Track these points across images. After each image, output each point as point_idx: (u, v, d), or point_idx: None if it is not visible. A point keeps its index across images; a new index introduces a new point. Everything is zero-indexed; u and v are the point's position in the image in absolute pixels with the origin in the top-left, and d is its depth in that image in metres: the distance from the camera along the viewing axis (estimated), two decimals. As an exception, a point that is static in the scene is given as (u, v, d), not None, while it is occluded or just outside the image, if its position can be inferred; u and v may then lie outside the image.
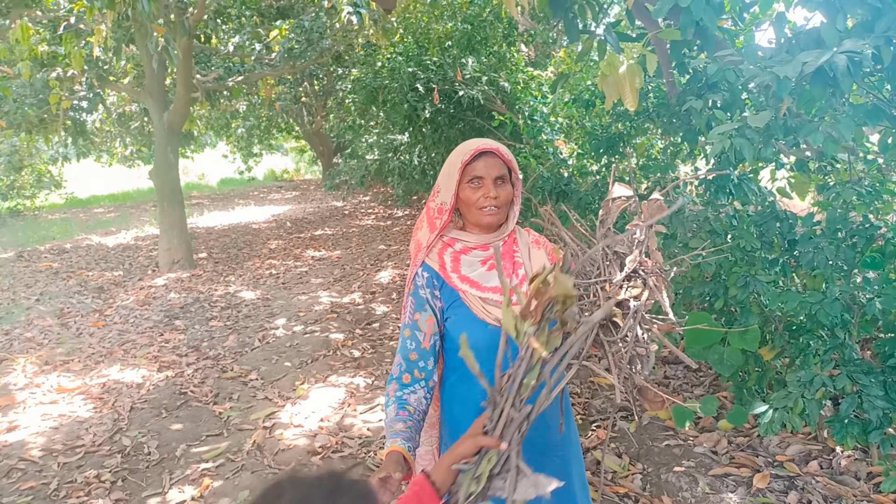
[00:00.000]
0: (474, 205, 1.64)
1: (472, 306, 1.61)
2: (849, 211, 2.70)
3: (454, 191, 1.64)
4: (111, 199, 17.85)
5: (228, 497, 2.98)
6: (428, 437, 1.84)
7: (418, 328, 1.63)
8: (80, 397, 4.23)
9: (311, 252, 9.03)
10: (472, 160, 1.63)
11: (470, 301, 1.62)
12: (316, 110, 15.15)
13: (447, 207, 1.65)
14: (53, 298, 6.86)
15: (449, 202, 1.65)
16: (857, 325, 2.63)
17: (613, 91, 2.82)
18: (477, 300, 1.61)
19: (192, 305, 6.46)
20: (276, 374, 4.54)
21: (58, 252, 9.50)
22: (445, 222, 1.67)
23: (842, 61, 1.97)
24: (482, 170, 1.62)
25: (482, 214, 1.64)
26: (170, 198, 8.09)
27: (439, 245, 1.70)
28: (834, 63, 1.98)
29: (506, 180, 1.66)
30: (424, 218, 1.72)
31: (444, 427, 1.76)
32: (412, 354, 1.61)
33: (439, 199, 1.67)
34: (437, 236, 1.68)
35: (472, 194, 1.63)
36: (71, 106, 8.69)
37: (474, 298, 1.62)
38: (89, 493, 3.08)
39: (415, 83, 6.15)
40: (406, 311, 1.67)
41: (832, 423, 2.41)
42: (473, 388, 1.64)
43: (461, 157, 1.63)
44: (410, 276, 1.69)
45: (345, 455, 3.32)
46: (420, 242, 1.70)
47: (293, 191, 18.38)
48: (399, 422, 1.52)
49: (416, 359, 1.61)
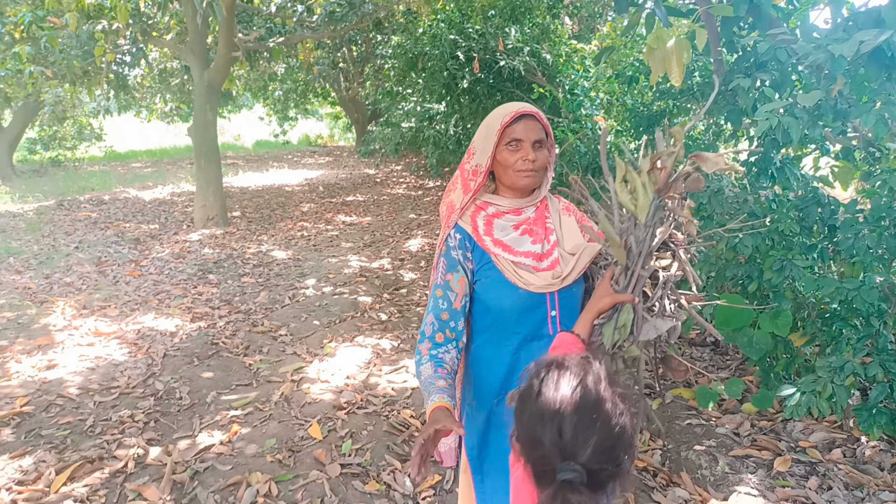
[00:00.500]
0: (512, 167, 1.63)
1: (504, 270, 1.61)
2: (894, 199, 2.65)
3: (491, 153, 1.63)
4: (149, 155, 18.17)
5: (255, 444, 3.08)
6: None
7: (450, 288, 1.64)
8: (116, 342, 4.38)
9: (343, 217, 9.11)
10: (511, 122, 1.62)
11: (502, 265, 1.62)
12: (353, 77, 15.14)
13: (482, 170, 1.65)
14: (92, 247, 7.04)
15: (484, 164, 1.64)
16: (893, 315, 2.59)
17: (659, 66, 2.77)
18: (509, 264, 1.62)
19: (225, 261, 6.59)
20: (304, 331, 4.63)
21: (96, 203, 9.72)
22: (479, 184, 1.66)
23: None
24: (522, 132, 1.62)
25: (520, 177, 1.63)
26: (207, 155, 8.20)
27: (472, 208, 1.69)
28: (893, 42, 1.94)
29: (543, 144, 1.66)
30: (458, 179, 1.71)
31: (468, 388, 1.77)
32: (444, 314, 1.63)
33: (474, 161, 1.67)
34: (471, 199, 1.68)
35: (511, 156, 1.63)
36: (114, 59, 8.81)
37: (506, 262, 1.62)
38: (123, 432, 3.20)
39: (455, 51, 6.11)
40: (437, 271, 1.67)
41: (859, 412, 2.40)
42: (500, 350, 1.67)
43: (500, 118, 1.63)
44: (443, 238, 1.69)
45: (369, 412, 3.40)
46: (453, 204, 1.70)
47: (326, 156, 18.47)
48: (440, 379, 1.54)
49: (447, 319, 1.63)
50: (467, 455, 1.75)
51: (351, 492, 2.71)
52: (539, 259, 1.64)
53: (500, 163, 1.65)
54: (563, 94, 5.52)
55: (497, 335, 1.67)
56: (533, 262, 1.63)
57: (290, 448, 3.04)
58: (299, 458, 2.96)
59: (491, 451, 1.73)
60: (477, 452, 1.74)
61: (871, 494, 2.58)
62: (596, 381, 0.94)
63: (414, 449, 1.35)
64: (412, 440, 3.13)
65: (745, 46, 3.17)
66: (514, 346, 1.67)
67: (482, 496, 1.74)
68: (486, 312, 1.66)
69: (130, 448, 3.02)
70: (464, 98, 6.91)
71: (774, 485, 2.68)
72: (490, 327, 1.66)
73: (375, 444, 3.09)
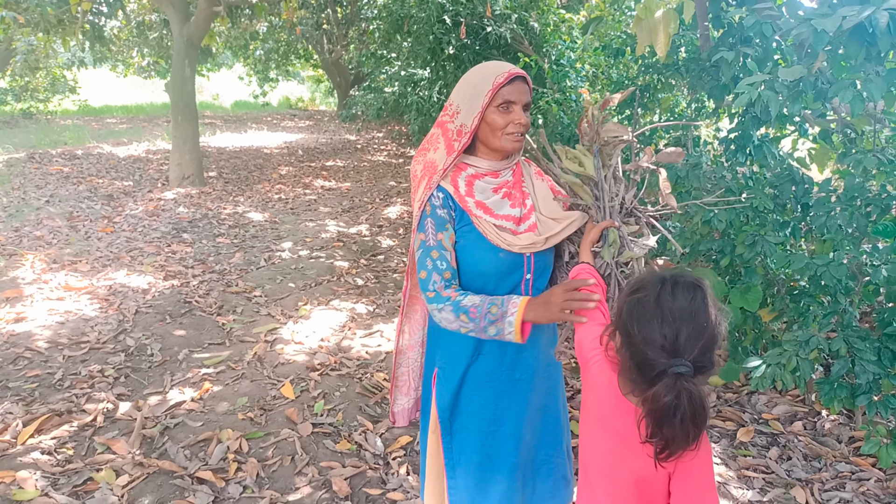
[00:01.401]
0: (501, 129, 1.58)
1: (487, 233, 1.58)
2: (868, 179, 2.69)
3: (479, 113, 1.57)
4: (124, 111, 17.74)
5: (227, 402, 3.08)
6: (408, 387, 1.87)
7: (444, 248, 1.58)
8: (87, 297, 4.32)
9: (321, 182, 9.02)
10: (505, 83, 1.56)
11: (484, 227, 1.59)
12: (337, 39, 14.86)
13: (468, 130, 1.58)
14: (63, 201, 6.90)
15: (470, 125, 1.58)
16: (859, 293, 2.65)
17: (646, 36, 2.76)
18: (491, 226, 1.59)
19: (200, 221, 6.50)
20: (279, 293, 4.61)
21: (69, 157, 9.50)
22: (464, 145, 1.60)
23: (883, 18, 1.92)
24: (515, 94, 1.57)
25: (509, 140, 1.59)
26: (184, 112, 8.03)
27: (452, 169, 1.64)
28: (875, 19, 1.94)
29: (529, 108, 1.63)
30: (440, 138, 1.64)
31: (437, 351, 1.75)
32: (446, 273, 1.57)
33: (459, 121, 1.60)
34: (454, 161, 1.62)
35: (501, 119, 1.57)
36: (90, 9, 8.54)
37: (488, 225, 1.59)
38: (93, 386, 3.18)
39: (442, 15, 6.02)
40: (426, 232, 1.60)
41: (821, 386, 2.46)
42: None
43: (492, 77, 1.56)
44: (423, 198, 1.62)
45: (342, 374, 3.41)
46: (434, 163, 1.63)
47: (307, 120, 18.20)
48: (495, 297, 1.54)
49: (450, 277, 1.57)
50: (438, 416, 1.75)
51: (322, 450, 2.73)
52: (518, 223, 1.63)
53: (489, 124, 1.59)
54: (549, 64, 5.48)
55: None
56: (513, 225, 1.62)
57: (262, 407, 3.05)
58: (271, 417, 2.97)
59: (462, 412, 1.73)
60: (448, 413, 1.74)
61: (829, 465, 2.67)
62: (704, 296, 1.15)
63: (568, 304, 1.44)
64: (384, 402, 3.15)
65: (731, 21, 3.16)
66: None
67: (450, 456, 1.75)
68: (462, 274, 1.63)
69: (100, 402, 3.00)
70: (449, 64, 6.83)
71: (737, 454, 2.76)
72: (466, 289, 1.64)
73: (348, 405, 3.11)
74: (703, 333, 1.13)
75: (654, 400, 1.10)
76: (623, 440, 1.27)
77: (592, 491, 1.37)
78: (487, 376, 1.70)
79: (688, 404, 1.07)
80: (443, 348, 1.73)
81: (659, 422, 1.10)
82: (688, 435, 1.10)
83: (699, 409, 1.08)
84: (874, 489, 2.51)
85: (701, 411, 1.09)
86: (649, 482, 1.25)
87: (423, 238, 1.59)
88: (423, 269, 1.58)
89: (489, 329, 1.50)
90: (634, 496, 1.27)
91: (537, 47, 5.94)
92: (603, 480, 1.33)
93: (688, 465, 1.20)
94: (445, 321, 1.54)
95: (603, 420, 1.33)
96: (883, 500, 2.46)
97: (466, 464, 1.74)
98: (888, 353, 2.34)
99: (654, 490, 1.25)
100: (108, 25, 11.11)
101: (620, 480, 1.29)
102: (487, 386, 1.71)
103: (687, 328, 1.13)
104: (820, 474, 2.61)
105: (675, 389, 1.08)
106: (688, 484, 1.22)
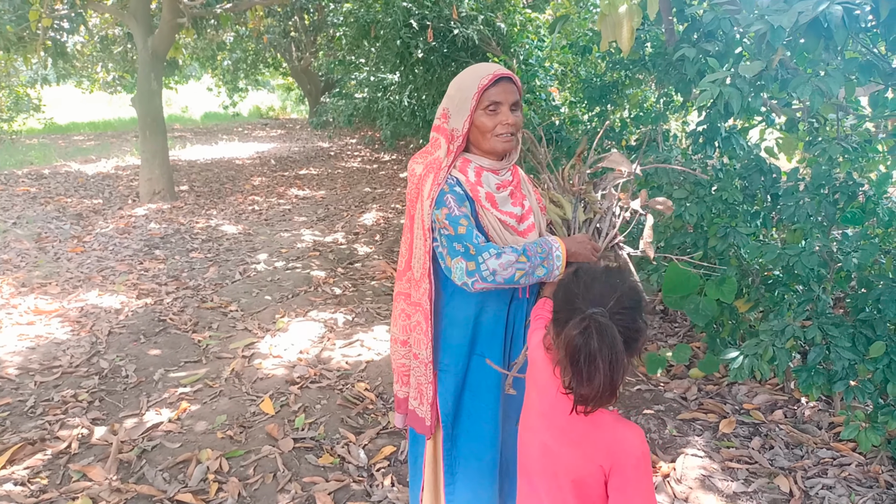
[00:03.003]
0: (491, 131, 1.59)
1: (489, 228, 1.61)
2: (833, 167, 2.72)
3: (468, 117, 1.58)
4: (91, 127, 17.44)
5: (206, 421, 3.02)
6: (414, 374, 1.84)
7: (469, 219, 1.57)
8: (58, 320, 4.22)
9: (295, 191, 8.95)
10: (490, 85, 1.57)
11: (488, 222, 1.61)
12: (305, 46, 14.76)
13: (459, 134, 1.60)
14: (31, 223, 6.75)
15: (461, 129, 1.60)
16: (831, 280, 2.68)
17: (610, 32, 2.77)
18: (496, 221, 1.62)
19: (172, 236, 6.41)
20: (256, 306, 4.55)
21: (36, 177, 9.31)
22: (459, 148, 1.63)
23: (837, 12, 1.95)
24: (501, 95, 1.58)
25: (499, 141, 1.60)
26: (152, 126, 7.91)
27: (459, 161, 1.65)
28: (830, 13, 1.96)
29: (518, 106, 1.63)
30: (441, 140, 1.64)
31: (439, 350, 1.74)
32: (480, 240, 1.55)
33: (450, 125, 1.61)
34: (453, 161, 1.64)
35: (489, 121, 1.59)
36: (51, 25, 8.37)
37: (493, 219, 1.62)
38: (66, 412, 3.10)
39: (409, 19, 5.99)
40: (451, 206, 1.56)
41: (799, 373, 2.48)
42: (473, 310, 1.68)
43: (477, 80, 1.57)
44: (434, 181, 1.59)
45: (323, 386, 3.36)
46: (440, 160, 1.63)
47: (279, 129, 18.06)
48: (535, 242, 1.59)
49: (485, 244, 1.54)
50: (441, 420, 1.74)
51: (304, 465, 2.69)
52: (519, 221, 1.66)
53: (478, 127, 1.60)
54: (518, 64, 5.48)
55: (469, 296, 1.65)
56: (515, 223, 1.65)
57: (242, 424, 2.99)
58: (251, 434, 2.92)
59: (463, 415, 1.73)
60: (452, 419, 1.73)
61: (810, 452, 2.69)
62: (618, 269, 1.27)
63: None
64: (366, 413, 3.12)
65: (693, 16, 3.19)
66: (487, 306, 1.67)
67: (450, 462, 1.75)
68: None
69: (74, 428, 2.93)
70: (418, 68, 6.80)
71: (720, 446, 2.77)
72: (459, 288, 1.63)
73: (329, 417, 3.07)
74: (617, 288, 1.19)
75: (566, 339, 1.13)
76: (562, 435, 1.28)
77: (536, 492, 1.37)
78: (487, 378, 1.70)
79: (598, 341, 1.10)
80: (443, 350, 1.72)
81: (572, 361, 1.13)
82: (602, 379, 1.10)
83: (613, 351, 1.10)
84: (855, 473, 2.53)
85: (616, 354, 1.10)
86: (586, 483, 1.25)
87: (446, 211, 1.56)
88: (458, 227, 1.54)
89: (538, 269, 1.54)
90: (574, 497, 1.27)
91: (505, 47, 5.94)
92: (545, 479, 1.33)
93: (623, 465, 1.21)
94: (500, 266, 1.50)
95: (543, 414, 1.34)
96: (864, 483, 2.48)
97: (466, 470, 1.73)
98: (862, 339, 2.37)
99: (592, 491, 1.25)
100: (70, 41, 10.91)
101: (560, 478, 1.29)
102: (487, 388, 1.71)
103: (600, 285, 1.20)
104: (802, 462, 2.63)
105: (585, 326, 1.11)
106: (625, 484, 1.22)
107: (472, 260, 1.51)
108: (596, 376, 1.10)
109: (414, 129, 8.42)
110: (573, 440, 1.24)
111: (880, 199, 2.68)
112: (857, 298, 2.51)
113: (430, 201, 1.58)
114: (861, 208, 2.61)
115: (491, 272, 1.50)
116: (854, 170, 2.79)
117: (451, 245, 1.54)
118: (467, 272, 1.51)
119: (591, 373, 1.10)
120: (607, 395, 1.13)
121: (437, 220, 1.57)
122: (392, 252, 5.90)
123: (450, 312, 1.70)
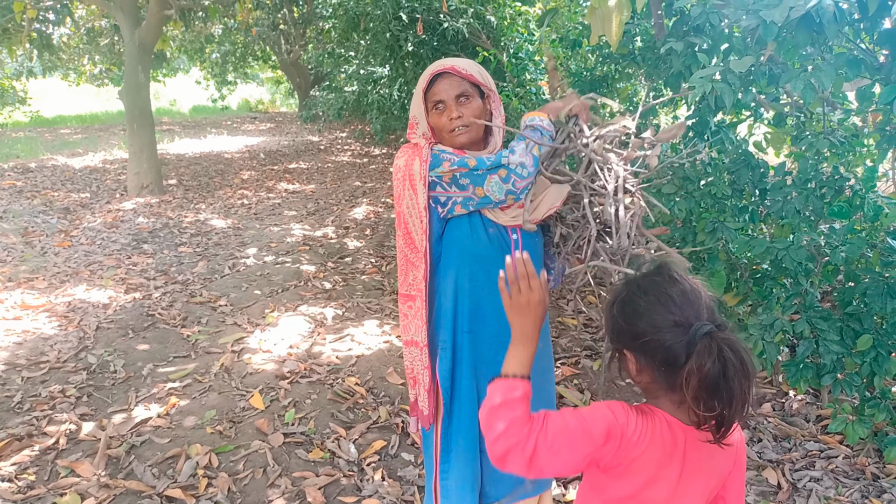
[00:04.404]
0: (444, 129, 1.66)
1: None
2: (820, 162, 2.73)
3: (426, 120, 1.68)
4: (78, 121, 17.27)
5: (195, 416, 3.01)
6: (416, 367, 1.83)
7: (471, 156, 1.64)
8: (45, 315, 4.19)
9: (285, 185, 8.90)
10: (428, 86, 1.65)
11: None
12: (294, 39, 14.67)
13: (430, 136, 1.69)
14: (17, 217, 6.68)
15: (429, 133, 1.69)
16: (819, 274, 2.70)
17: (600, 25, 2.77)
18: None
19: (160, 230, 6.36)
20: (245, 301, 4.53)
21: (22, 171, 9.21)
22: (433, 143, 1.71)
23: (829, 7, 1.96)
24: (441, 93, 1.64)
25: (453, 136, 1.66)
26: (140, 119, 7.84)
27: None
28: (821, 9, 1.97)
29: (470, 96, 1.66)
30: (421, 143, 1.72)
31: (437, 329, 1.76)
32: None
33: (419, 132, 1.70)
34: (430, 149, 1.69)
35: (439, 120, 1.65)
36: (37, 16, 8.26)
37: None
38: (54, 407, 3.08)
39: (398, 12, 5.96)
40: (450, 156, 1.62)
41: (788, 367, 2.50)
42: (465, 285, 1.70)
43: (422, 84, 1.66)
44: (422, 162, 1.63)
45: (313, 381, 3.36)
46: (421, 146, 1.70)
47: (268, 122, 17.96)
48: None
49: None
50: (442, 396, 1.76)
51: (294, 460, 2.68)
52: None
53: (435, 128, 1.68)
54: (508, 57, 5.48)
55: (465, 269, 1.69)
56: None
57: (231, 419, 2.98)
58: (241, 429, 2.91)
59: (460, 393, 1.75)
60: (450, 395, 1.76)
61: (798, 445, 2.72)
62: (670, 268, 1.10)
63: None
64: (357, 407, 3.12)
65: (682, 10, 3.18)
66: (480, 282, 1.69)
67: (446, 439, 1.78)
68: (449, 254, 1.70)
69: (62, 424, 2.91)
70: (408, 61, 6.79)
71: (707, 439, 2.79)
72: (458, 262, 1.69)
73: (319, 412, 3.06)
74: (696, 292, 1.08)
75: (699, 369, 0.99)
76: (693, 475, 1.11)
77: None
78: (481, 356, 1.73)
79: (733, 356, 0.98)
80: (442, 328, 1.75)
81: (713, 389, 0.99)
82: (743, 391, 0.99)
83: (745, 356, 1.00)
84: (843, 466, 2.56)
85: (747, 358, 1.00)
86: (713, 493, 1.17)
87: (447, 163, 1.61)
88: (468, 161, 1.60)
89: (543, 139, 1.62)
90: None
91: (495, 41, 5.93)
92: None
93: (740, 458, 1.15)
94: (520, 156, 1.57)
95: (681, 473, 1.11)
96: (851, 475, 2.51)
97: (457, 448, 1.75)
98: (850, 332, 2.39)
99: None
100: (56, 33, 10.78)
101: None
102: (482, 366, 1.73)
103: (681, 296, 1.07)
104: (790, 454, 2.65)
105: (714, 347, 0.99)
106: (739, 473, 1.16)
107: (498, 169, 1.57)
108: (741, 391, 1.00)
109: (404, 122, 8.38)
110: (704, 468, 1.11)
111: (867, 193, 2.70)
112: (844, 292, 2.52)
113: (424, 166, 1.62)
114: (848, 202, 2.63)
115: (519, 164, 1.56)
116: (840, 164, 2.80)
117: (472, 176, 1.59)
118: (503, 179, 1.57)
119: (738, 389, 0.99)
120: (749, 400, 1.02)
121: (442, 176, 1.61)
122: (382, 246, 5.89)
123: (443, 286, 1.73)
